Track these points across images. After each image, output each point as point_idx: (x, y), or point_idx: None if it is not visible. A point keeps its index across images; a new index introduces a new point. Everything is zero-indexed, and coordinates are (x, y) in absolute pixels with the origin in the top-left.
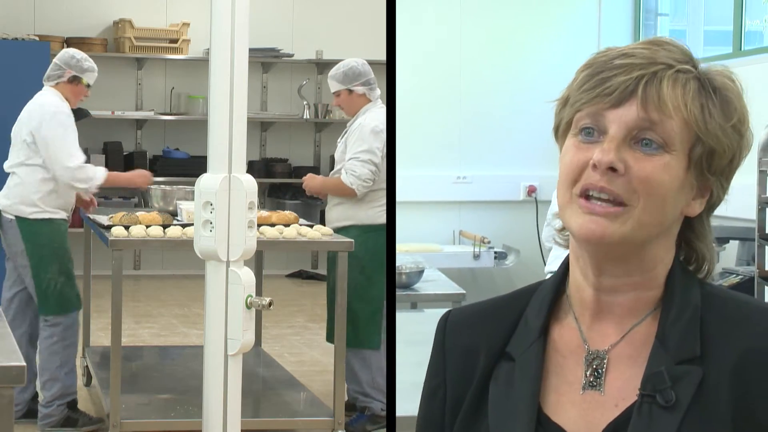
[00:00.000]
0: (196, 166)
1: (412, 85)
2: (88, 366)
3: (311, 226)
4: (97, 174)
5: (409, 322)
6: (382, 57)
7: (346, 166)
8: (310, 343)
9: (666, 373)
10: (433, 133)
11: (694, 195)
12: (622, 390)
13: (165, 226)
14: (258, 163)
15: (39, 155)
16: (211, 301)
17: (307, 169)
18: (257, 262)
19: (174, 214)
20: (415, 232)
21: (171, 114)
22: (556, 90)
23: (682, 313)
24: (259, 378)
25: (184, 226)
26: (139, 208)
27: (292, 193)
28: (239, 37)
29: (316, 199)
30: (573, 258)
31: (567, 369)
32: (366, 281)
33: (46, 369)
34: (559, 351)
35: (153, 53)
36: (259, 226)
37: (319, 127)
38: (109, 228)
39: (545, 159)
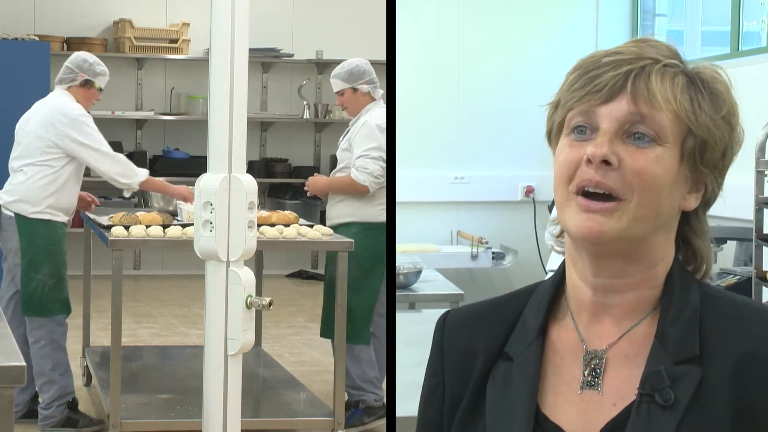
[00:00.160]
0: (196, 166)
1: (411, 85)
2: (88, 366)
3: (311, 226)
4: (140, 171)
5: (407, 323)
6: (382, 57)
7: (357, 163)
8: (310, 343)
9: (665, 373)
10: (430, 134)
11: (689, 189)
12: (620, 389)
13: (165, 226)
14: (258, 163)
15: (49, 155)
16: (211, 301)
17: (307, 169)
18: (257, 262)
19: (174, 214)
20: (413, 233)
21: (171, 114)
22: (554, 91)
23: (682, 313)
24: (259, 378)
25: (184, 226)
26: (139, 208)
27: (292, 193)
28: (239, 37)
29: (316, 199)
30: (570, 260)
31: (565, 369)
32: (362, 278)
33: (41, 372)
34: (558, 351)
35: (153, 53)
36: (259, 226)
37: (319, 127)
38: (109, 228)
39: (543, 159)
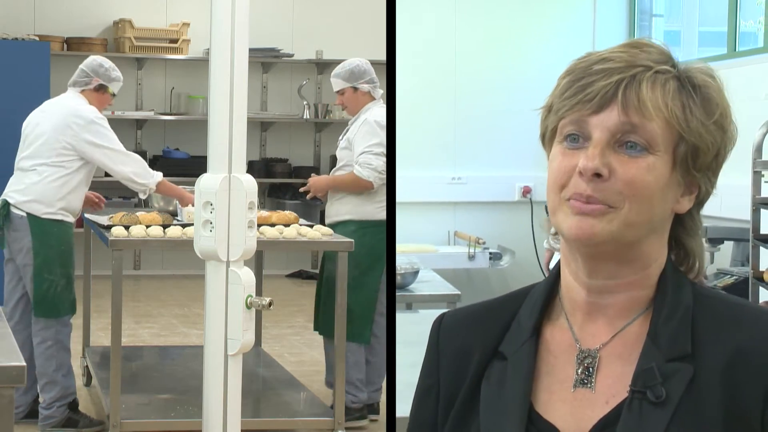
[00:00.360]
0: (196, 166)
1: (410, 85)
2: (88, 366)
3: (311, 226)
4: (155, 173)
5: (404, 323)
6: (382, 57)
7: (360, 159)
8: (310, 343)
9: (657, 370)
10: (428, 134)
11: (682, 192)
12: (612, 387)
13: (165, 226)
14: (258, 163)
15: (64, 156)
16: (211, 301)
17: (307, 169)
18: (257, 262)
19: (174, 214)
20: (411, 233)
21: (171, 114)
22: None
23: (674, 312)
24: (259, 378)
25: (184, 226)
26: (139, 208)
27: (292, 193)
28: (239, 37)
29: (316, 199)
30: (564, 261)
31: (558, 368)
32: (361, 277)
33: (44, 373)
34: (551, 351)
35: (153, 53)
36: (259, 226)
37: (319, 127)
38: (109, 228)
39: (540, 160)
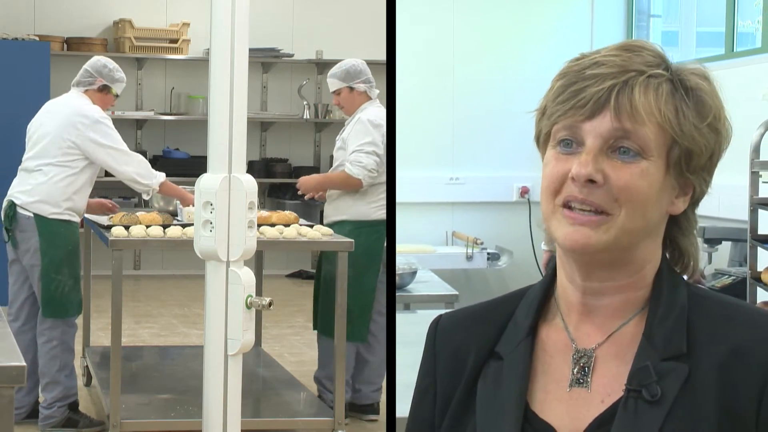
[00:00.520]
0: (196, 166)
1: (409, 85)
2: (88, 366)
3: (311, 226)
4: (158, 174)
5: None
6: (382, 57)
7: (350, 158)
8: (310, 343)
9: (652, 369)
10: (426, 135)
11: (676, 194)
12: (608, 386)
13: (165, 226)
14: (258, 163)
15: (70, 156)
16: (211, 301)
17: (307, 169)
18: (257, 262)
19: (174, 214)
20: (408, 233)
21: (171, 114)
22: None
23: (670, 312)
24: (259, 378)
25: (184, 226)
26: (139, 208)
27: (292, 193)
28: (239, 37)
29: (314, 200)
30: (560, 263)
31: (554, 368)
32: (357, 276)
33: (47, 373)
34: (547, 351)
35: (153, 53)
36: (259, 226)
37: (319, 127)
38: (109, 228)
39: (538, 160)
